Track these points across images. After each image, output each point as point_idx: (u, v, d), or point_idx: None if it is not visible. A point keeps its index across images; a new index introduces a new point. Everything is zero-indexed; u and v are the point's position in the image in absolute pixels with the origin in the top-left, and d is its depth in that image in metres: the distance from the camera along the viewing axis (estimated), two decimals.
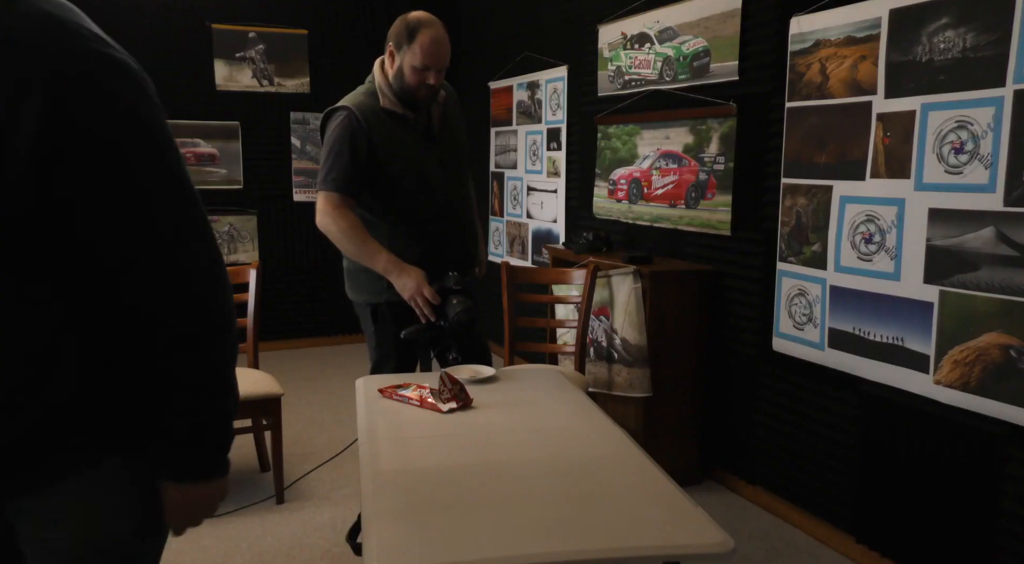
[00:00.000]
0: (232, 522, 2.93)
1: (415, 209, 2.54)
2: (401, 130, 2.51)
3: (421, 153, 2.53)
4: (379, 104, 2.51)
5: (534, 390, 2.17)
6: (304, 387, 4.67)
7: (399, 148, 2.49)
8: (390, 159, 2.48)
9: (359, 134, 2.44)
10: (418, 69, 2.43)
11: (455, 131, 2.67)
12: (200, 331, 1.04)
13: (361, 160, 2.45)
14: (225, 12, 5.23)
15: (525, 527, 1.33)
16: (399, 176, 2.50)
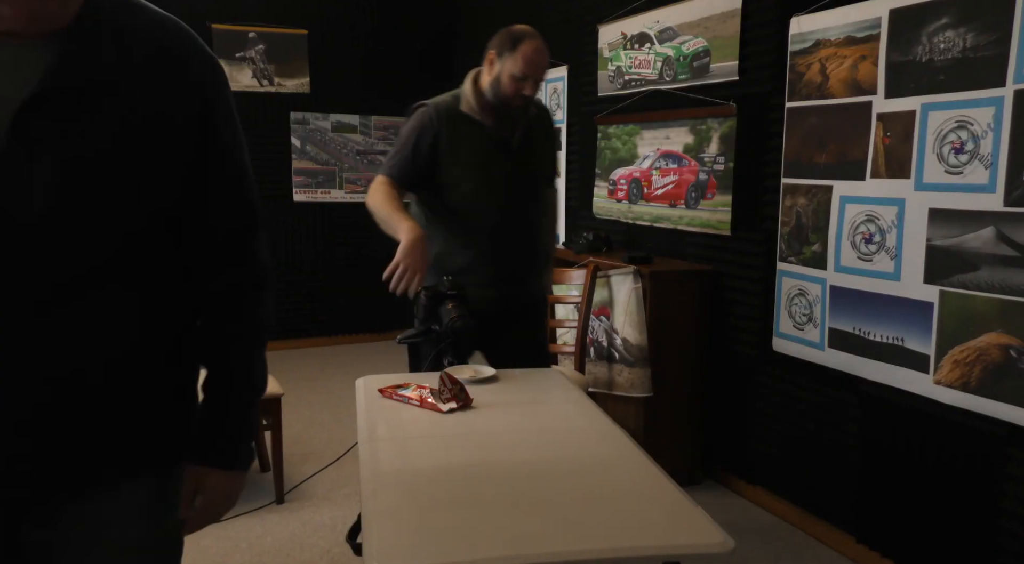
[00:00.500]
0: (232, 522, 2.93)
1: (474, 214, 2.52)
2: (474, 135, 2.50)
3: (490, 161, 2.51)
4: (459, 107, 2.53)
5: (534, 390, 2.16)
6: (304, 387, 4.67)
7: (466, 151, 2.49)
8: (454, 160, 2.48)
9: (427, 130, 2.48)
10: (516, 78, 2.44)
11: (538, 150, 2.64)
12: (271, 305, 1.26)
13: (420, 156, 2.48)
14: (225, 12, 5.23)
15: (525, 527, 1.33)
16: (460, 178, 2.49)
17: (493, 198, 2.51)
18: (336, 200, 5.69)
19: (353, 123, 5.68)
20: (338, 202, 5.70)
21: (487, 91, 2.51)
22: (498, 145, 2.52)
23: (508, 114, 2.49)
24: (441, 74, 5.88)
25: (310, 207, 5.63)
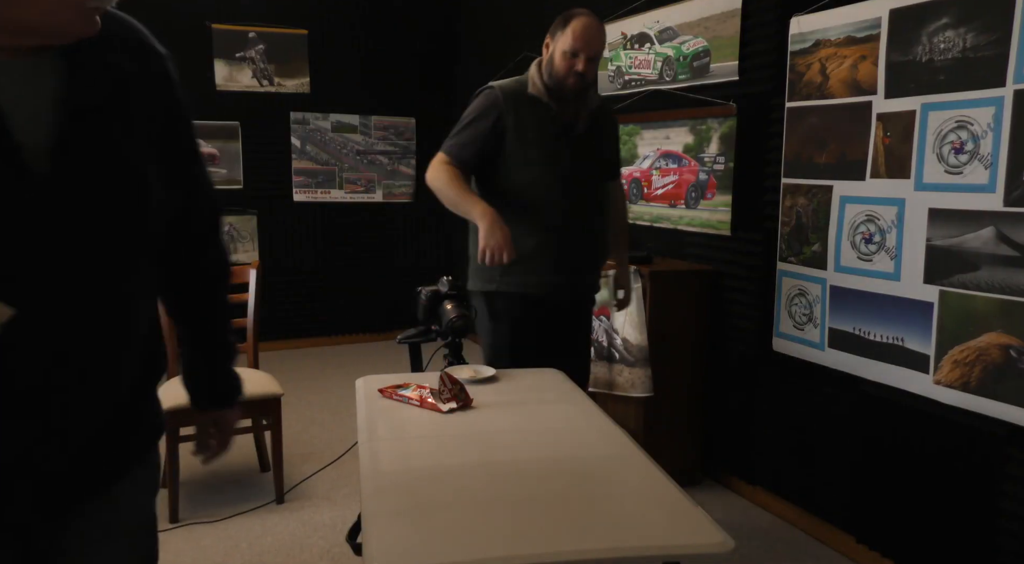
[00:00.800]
0: (232, 522, 2.93)
1: (540, 197, 2.49)
2: (541, 117, 2.48)
3: (556, 145, 2.49)
4: (527, 90, 2.50)
5: (534, 390, 2.16)
6: (304, 387, 4.67)
7: (533, 133, 2.48)
8: (521, 142, 2.47)
9: (491, 111, 2.47)
10: (568, 54, 2.41)
11: (602, 137, 2.63)
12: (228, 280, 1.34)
13: (485, 136, 2.46)
14: (225, 12, 5.23)
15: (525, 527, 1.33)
16: (527, 159, 2.47)
17: (560, 181, 2.48)
18: (336, 200, 5.69)
19: (353, 123, 5.68)
20: (338, 202, 5.70)
21: (544, 73, 2.50)
22: (563, 129, 2.50)
23: (564, 95, 2.47)
24: (441, 74, 5.88)
25: (310, 207, 5.63)
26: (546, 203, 2.48)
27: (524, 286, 2.52)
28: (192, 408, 1.35)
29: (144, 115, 1.01)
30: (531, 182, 2.48)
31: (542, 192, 2.48)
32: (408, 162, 5.87)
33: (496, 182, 2.52)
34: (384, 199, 5.82)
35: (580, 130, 2.52)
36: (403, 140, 5.84)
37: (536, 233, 2.48)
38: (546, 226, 2.48)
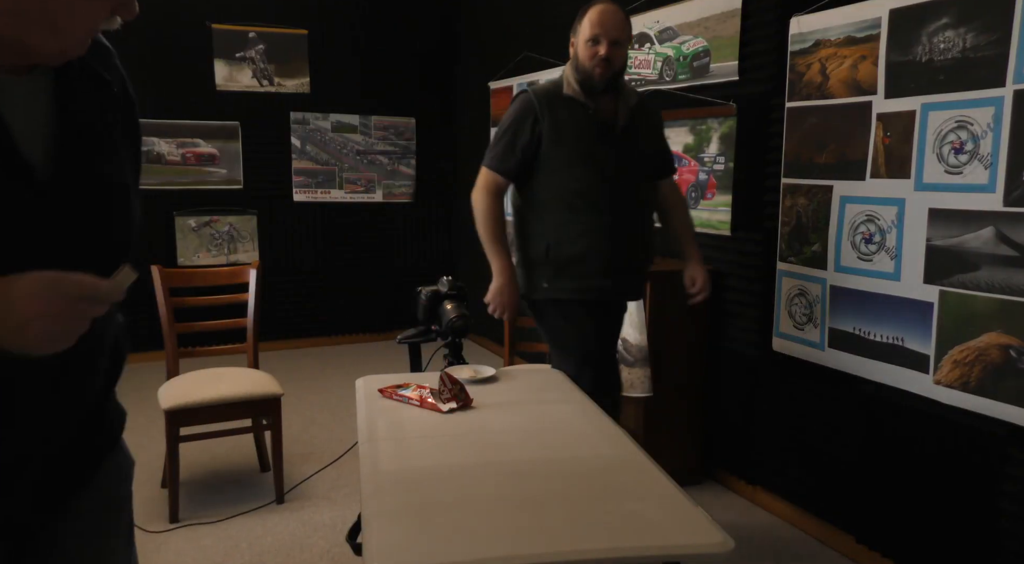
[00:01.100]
0: (232, 522, 2.93)
1: (584, 200, 2.46)
2: (578, 117, 2.45)
3: (596, 143, 2.46)
4: (562, 91, 2.49)
5: (534, 390, 2.16)
6: (304, 387, 4.67)
7: (571, 135, 2.44)
8: (559, 145, 2.44)
9: (527, 116, 2.45)
10: (588, 42, 2.39)
11: (644, 134, 2.57)
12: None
13: (522, 142, 2.45)
14: (225, 12, 5.23)
15: (525, 527, 1.33)
16: (567, 162, 2.44)
17: (603, 181, 2.45)
18: (336, 200, 5.69)
19: (353, 123, 5.68)
20: (338, 202, 5.70)
21: (575, 71, 2.48)
22: (603, 128, 2.46)
23: (595, 88, 2.43)
24: (441, 74, 5.88)
25: (310, 207, 5.63)
26: (590, 205, 2.45)
27: (576, 291, 2.51)
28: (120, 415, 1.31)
29: (121, 132, 1.04)
30: (573, 185, 2.45)
31: (585, 194, 2.45)
32: (408, 162, 5.87)
33: (537, 188, 2.50)
34: (384, 199, 5.82)
35: (620, 128, 2.48)
36: (403, 140, 5.84)
37: (583, 237, 2.46)
38: (592, 229, 2.46)
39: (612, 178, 2.46)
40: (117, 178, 1.00)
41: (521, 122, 2.46)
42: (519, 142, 2.46)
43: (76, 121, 0.95)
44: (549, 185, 2.48)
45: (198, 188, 5.28)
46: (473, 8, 5.65)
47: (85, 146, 0.95)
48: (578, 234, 2.46)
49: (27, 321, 0.79)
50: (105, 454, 1.15)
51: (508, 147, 2.48)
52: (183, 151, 5.23)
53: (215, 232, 5.35)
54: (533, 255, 2.57)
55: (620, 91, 2.51)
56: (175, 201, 5.22)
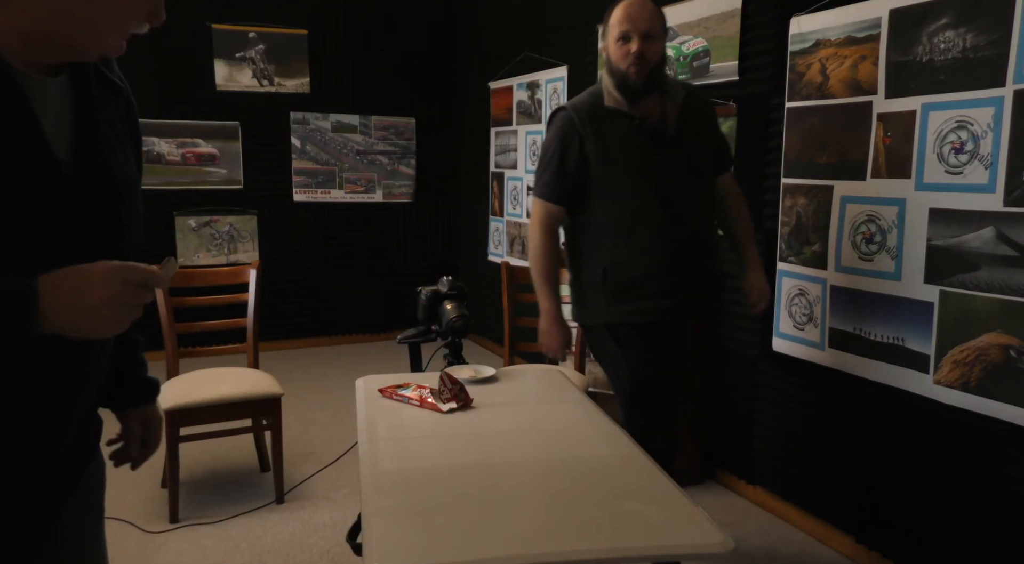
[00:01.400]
0: (232, 522, 2.93)
1: (638, 218, 2.28)
2: (623, 130, 2.26)
3: (647, 156, 2.26)
4: (603, 103, 2.28)
5: (534, 390, 2.16)
6: (304, 387, 4.67)
7: (618, 150, 2.26)
8: (606, 161, 2.26)
9: (571, 137, 2.28)
10: (618, 41, 2.20)
11: (698, 133, 2.35)
12: None
13: (570, 166, 2.29)
14: (225, 12, 5.23)
15: (525, 527, 1.33)
16: (618, 180, 2.27)
17: (658, 195, 2.26)
18: (336, 200, 5.69)
19: (353, 123, 5.68)
20: (338, 202, 5.70)
21: (610, 78, 2.26)
22: (652, 137, 2.26)
23: (634, 90, 2.22)
24: (441, 74, 5.88)
25: (310, 207, 5.63)
26: (647, 223, 2.28)
27: (634, 314, 2.34)
28: (117, 411, 1.34)
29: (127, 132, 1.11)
30: (627, 203, 2.28)
31: (640, 212, 2.27)
32: (408, 162, 5.87)
33: (590, 210, 2.34)
34: (384, 199, 5.82)
35: (672, 133, 2.28)
36: (403, 140, 5.84)
37: (641, 257, 2.30)
38: (648, 248, 2.28)
39: (668, 190, 2.27)
40: (126, 174, 1.06)
41: (566, 144, 2.28)
42: (568, 167, 2.29)
43: (91, 120, 1.00)
44: (602, 206, 2.30)
45: (198, 188, 5.28)
46: (473, 8, 5.64)
47: (98, 144, 1.01)
48: (636, 254, 2.29)
49: (100, 303, 0.86)
50: (91, 457, 1.18)
51: (557, 174, 2.31)
52: (183, 151, 5.23)
53: (215, 232, 5.35)
54: (588, 280, 2.40)
55: (664, 89, 2.28)
56: (175, 201, 5.22)
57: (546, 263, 2.42)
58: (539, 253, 2.42)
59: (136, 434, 1.35)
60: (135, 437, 1.35)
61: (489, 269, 5.43)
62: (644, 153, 2.26)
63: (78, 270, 0.87)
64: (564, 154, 2.29)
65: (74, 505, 1.14)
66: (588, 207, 2.34)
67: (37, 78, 0.94)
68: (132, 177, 1.09)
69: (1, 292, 0.83)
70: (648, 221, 2.28)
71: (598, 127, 2.26)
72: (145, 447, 1.38)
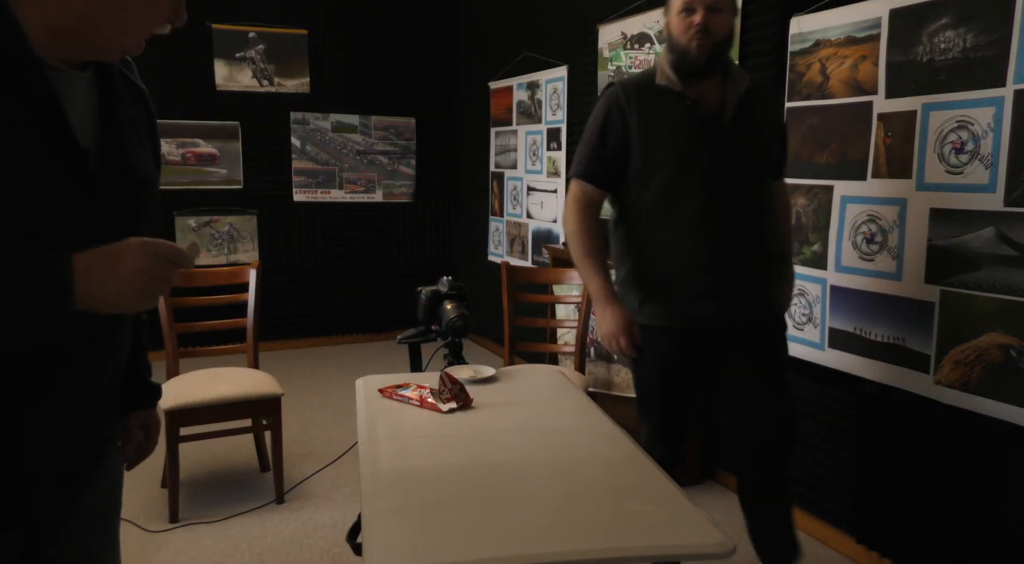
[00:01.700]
0: (232, 522, 2.93)
1: (676, 208, 2.05)
2: (672, 110, 2.04)
3: (692, 142, 2.03)
4: (655, 81, 2.07)
5: (534, 390, 2.16)
6: (304, 387, 4.67)
7: (662, 130, 2.04)
8: (647, 142, 2.04)
9: (614, 113, 2.07)
10: (681, 13, 1.99)
11: (756, 126, 2.10)
12: None
13: (609, 144, 2.08)
14: (225, 12, 5.23)
15: (525, 527, 1.33)
16: (658, 164, 2.04)
17: (702, 185, 2.02)
18: (336, 200, 5.69)
19: (353, 123, 5.68)
20: (338, 202, 5.70)
21: (669, 54, 2.06)
22: (705, 121, 2.03)
23: (693, 69, 2.00)
24: (441, 74, 5.88)
25: (310, 207, 5.63)
26: (682, 214, 2.04)
27: (669, 317, 2.09)
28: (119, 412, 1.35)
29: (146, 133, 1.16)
30: (662, 190, 2.04)
31: (676, 201, 2.04)
32: (408, 162, 5.87)
33: (628, 197, 2.13)
34: (384, 199, 5.82)
35: (727, 119, 2.04)
36: (403, 140, 5.84)
37: (673, 253, 2.07)
38: (685, 243, 2.05)
39: (713, 180, 2.02)
40: (146, 171, 1.11)
41: (607, 121, 2.08)
42: (607, 145, 2.09)
43: (114, 116, 1.05)
44: (638, 192, 2.09)
45: (198, 188, 5.28)
46: (473, 8, 5.64)
47: (120, 139, 1.06)
48: (667, 250, 2.06)
49: (132, 274, 0.90)
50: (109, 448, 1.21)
51: (595, 152, 2.11)
52: (183, 151, 5.23)
53: (215, 232, 5.35)
54: (623, 276, 2.20)
55: (727, 74, 2.06)
56: (175, 201, 5.22)
57: (585, 241, 2.14)
58: (575, 231, 2.15)
59: (135, 436, 1.37)
60: (133, 439, 1.37)
61: (489, 269, 5.43)
62: (690, 138, 2.03)
63: (111, 246, 0.92)
64: (604, 132, 2.09)
65: (91, 498, 1.17)
66: (627, 193, 2.12)
67: (65, 72, 0.98)
68: (151, 174, 1.13)
69: (37, 267, 0.86)
70: (687, 213, 2.03)
71: (644, 105, 2.05)
72: (141, 450, 1.41)
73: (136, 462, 1.40)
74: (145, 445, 1.41)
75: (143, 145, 1.12)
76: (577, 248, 2.16)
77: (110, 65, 1.07)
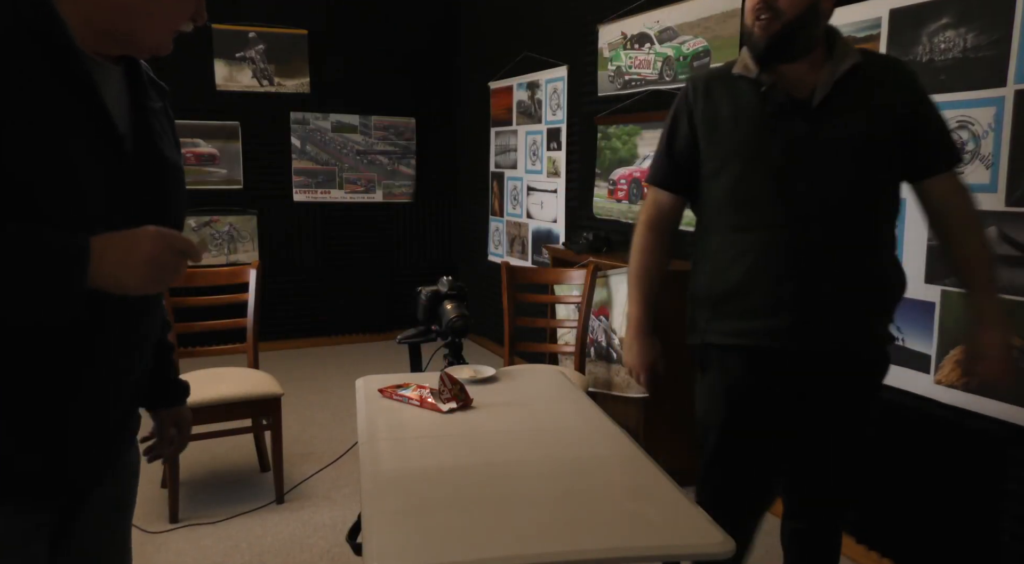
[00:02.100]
0: (232, 522, 2.93)
1: (744, 208, 1.75)
2: (741, 98, 1.76)
3: (765, 132, 1.72)
4: (731, 70, 1.80)
5: (534, 390, 2.16)
6: (304, 387, 4.67)
7: (728, 121, 1.77)
8: (712, 136, 1.79)
9: (681, 109, 1.86)
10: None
11: (871, 117, 1.69)
12: None
13: (677, 142, 1.86)
14: (225, 12, 5.23)
15: (525, 527, 1.33)
16: (724, 159, 1.77)
17: (778, 181, 1.71)
18: (336, 200, 5.69)
19: (353, 123, 5.68)
20: (338, 202, 5.70)
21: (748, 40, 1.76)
22: (783, 108, 1.71)
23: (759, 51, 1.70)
24: (441, 74, 5.88)
25: (310, 207, 5.63)
26: (756, 215, 1.74)
27: (738, 335, 1.78)
28: (152, 409, 1.43)
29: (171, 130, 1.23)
30: (732, 188, 1.76)
31: (748, 200, 1.74)
32: (408, 162, 5.87)
33: (700, 200, 1.87)
34: (384, 199, 5.82)
35: (815, 104, 1.69)
36: (403, 140, 5.84)
37: (742, 259, 1.75)
38: (756, 248, 1.73)
39: (794, 177, 1.69)
40: (174, 159, 1.19)
41: (676, 118, 1.87)
42: (675, 143, 1.87)
43: (144, 107, 1.13)
44: (708, 192, 1.82)
45: (198, 188, 5.28)
46: (473, 8, 5.64)
47: (151, 127, 1.13)
48: (736, 256, 1.75)
49: (145, 261, 0.96)
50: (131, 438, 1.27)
51: (664, 153, 1.89)
52: (183, 151, 5.22)
53: (215, 232, 5.35)
54: (694, 287, 1.91)
55: (831, 53, 1.72)
56: None
57: (639, 261, 1.96)
58: (634, 248, 1.97)
59: (168, 432, 1.45)
60: (167, 434, 1.45)
61: (489, 269, 5.43)
62: (763, 128, 1.72)
63: (129, 231, 0.97)
64: (673, 130, 1.88)
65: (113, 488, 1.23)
66: (700, 197, 1.86)
67: (101, 63, 1.06)
68: (178, 163, 1.21)
69: (55, 246, 0.92)
70: (758, 213, 1.73)
71: (712, 95, 1.80)
72: (175, 445, 1.48)
73: (172, 457, 1.49)
74: (179, 440, 1.48)
75: (168, 137, 1.20)
76: (630, 266, 2.00)
77: (138, 62, 1.14)
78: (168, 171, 1.16)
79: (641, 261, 1.96)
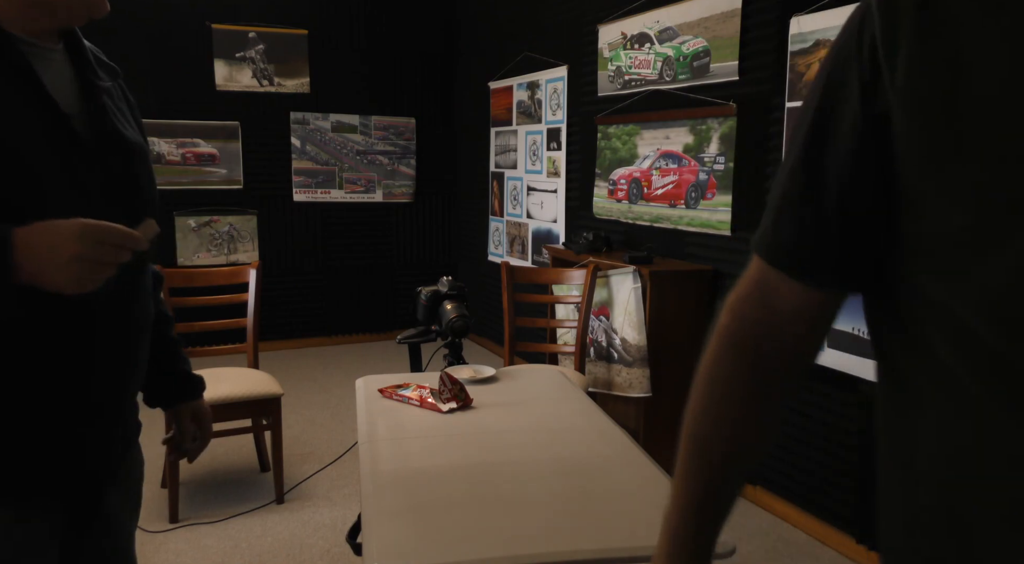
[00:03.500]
0: (232, 522, 2.93)
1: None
2: None
3: None
4: None
5: (534, 390, 2.16)
6: (304, 387, 4.67)
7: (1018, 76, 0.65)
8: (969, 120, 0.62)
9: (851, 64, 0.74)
10: None
11: None
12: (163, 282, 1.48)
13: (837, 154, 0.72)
14: (225, 12, 5.23)
15: (525, 527, 1.33)
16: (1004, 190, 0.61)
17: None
18: (336, 200, 5.69)
19: (353, 123, 5.68)
20: (338, 202, 5.70)
21: None
22: None
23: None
24: (441, 74, 5.88)
25: (310, 207, 5.63)
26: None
27: None
28: (168, 407, 1.40)
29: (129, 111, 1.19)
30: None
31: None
32: (408, 162, 5.87)
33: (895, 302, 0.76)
34: (384, 199, 5.82)
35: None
36: (403, 140, 5.84)
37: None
38: None
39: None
40: (135, 139, 1.14)
41: (831, 88, 0.76)
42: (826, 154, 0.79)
43: (94, 87, 1.09)
44: (944, 288, 0.65)
45: (198, 188, 5.28)
46: (473, 8, 5.64)
47: (104, 108, 1.09)
48: (1004, 472, 0.59)
49: (70, 260, 0.90)
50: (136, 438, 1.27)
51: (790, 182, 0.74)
52: (183, 151, 5.23)
53: (215, 232, 5.35)
54: (885, 510, 0.75)
55: None
56: (175, 201, 5.22)
57: (699, 419, 0.85)
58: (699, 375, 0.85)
59: (188, 427, 1.42)
60: (188, 430, 1.42)
61: (489, 269, 5.43)
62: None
63: (54, 225, 0.91)
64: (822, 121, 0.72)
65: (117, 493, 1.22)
66: (898, 290, 0.73)
67: (37, 46, 1.02)
68: (140, 142, 1.15)
69: None
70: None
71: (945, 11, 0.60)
72: (197, 440, 1.45)
73: (197, 453, 1.44)
74: (200, 435, 1.44)
75: (126, 116, 1.15)
76: (687, 414, 0.86)
77: (81, 41, 1.11)
78: (131, 151, 1.12)
79: (703, 421, 0.85)
